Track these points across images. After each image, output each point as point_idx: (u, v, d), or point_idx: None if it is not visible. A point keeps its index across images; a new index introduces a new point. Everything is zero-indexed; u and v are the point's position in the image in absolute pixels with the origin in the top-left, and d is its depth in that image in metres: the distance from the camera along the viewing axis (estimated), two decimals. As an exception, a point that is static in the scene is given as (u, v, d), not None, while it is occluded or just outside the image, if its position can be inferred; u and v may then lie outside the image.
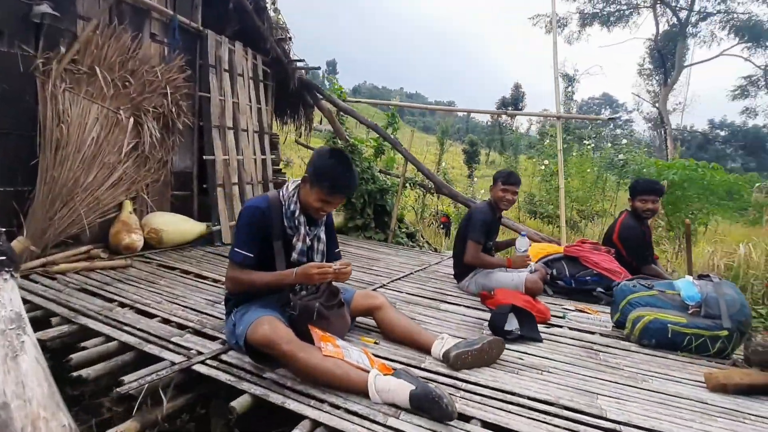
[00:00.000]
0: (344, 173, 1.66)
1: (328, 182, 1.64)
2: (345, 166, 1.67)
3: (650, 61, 22.65)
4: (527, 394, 1.57)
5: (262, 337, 1.46)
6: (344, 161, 1.69)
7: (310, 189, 1.69)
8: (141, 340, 1.71)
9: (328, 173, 1.64)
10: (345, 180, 1.66)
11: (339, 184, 1.65)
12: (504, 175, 2.91)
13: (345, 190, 1.69)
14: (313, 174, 1.67)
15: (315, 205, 1.69)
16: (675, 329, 2.07)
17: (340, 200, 1.74)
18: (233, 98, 3.99)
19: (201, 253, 3.34)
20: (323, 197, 1.66)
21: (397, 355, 1.83)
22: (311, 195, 1.68)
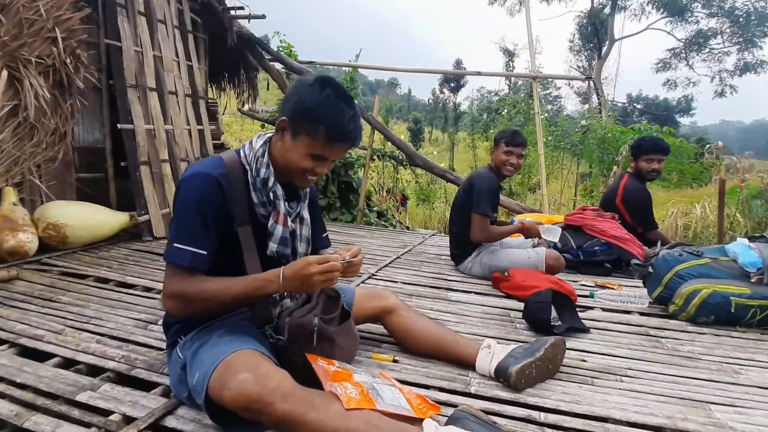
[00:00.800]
0: (346, 110, 1.04)
1: (324, 125, 1.02)
2: (345, 101, 1.05)
3: (579, 36, 23.62)
4: (628, 418, 1.12)
5: (240, 395, 0.84)
6: (342, 93, 1.06)
7: (293, 140, 1.06)
8: (19, 409, 1.01)
9: (323, 111, 1.02)
10: (351, 122, 1.05)
11: (344, 128, 1.04)
12: (507, 135, 2.42)
13: (352, 138, 1.07)
14: (297, 116, 1.04)
15: (302, 165, 1.06)
16: (739, 302, 1.75)
17: (341, 153, 1.12)
18: (154, 51, 3.10)
19: (125, 253, 2.54)
20: (317, 150, 1.05)
21: (431, 376, 1.30)
22: (295, 149, 1.06)
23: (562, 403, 1.17)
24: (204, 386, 0.91)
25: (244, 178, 1.10)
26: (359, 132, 1.10)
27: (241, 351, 0.94)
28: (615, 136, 5.99)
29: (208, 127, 3.66)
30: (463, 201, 2.44)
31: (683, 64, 19.52)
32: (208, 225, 1.04)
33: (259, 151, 1.12)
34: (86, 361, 1.26)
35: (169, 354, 1.14)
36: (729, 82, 18.95)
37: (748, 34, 17.67)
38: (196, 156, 3.42)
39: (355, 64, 4.88)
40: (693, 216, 5.69)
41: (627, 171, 3.18)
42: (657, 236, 3.03)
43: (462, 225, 2.49)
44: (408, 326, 1.43)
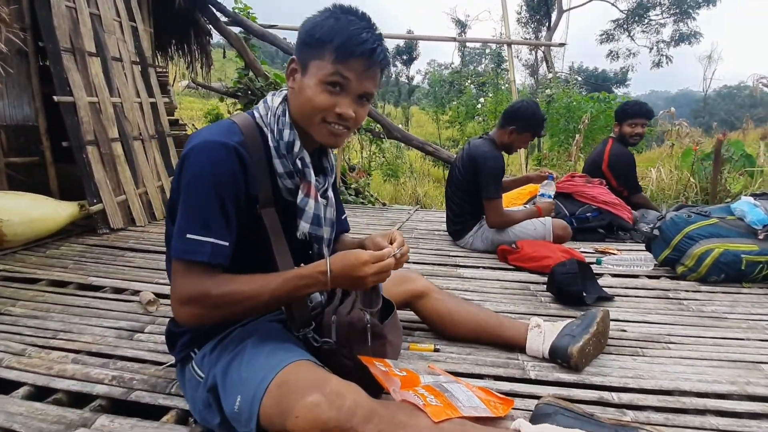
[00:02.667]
0: (356, 20, 0.81)
1: (334, 39, 0.79)
2: (354, 14, 0.82)
3: (527, 9, 23.95)
4: (696, 388, 1.07)
5: (313, 422, 0.65)
6: (349, 9, 0.83)
7: (304, 76, 0.82)
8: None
9: (330, 25, 0.79)
10: (363, 29, 0.80)
11: (356, 37, 0.79)
12: (538, 123, 2.23)
13: (369, 48, 0.80)
14: (303, 47, 0.82)
15: (321, 102, 0.81)
16: (749, 259, 1.78)
17: (366, 79, 0.84)
18: (90, 8, 2.60)
19: (79, 249, 2.16)
20: (332, 70, 0.80)
21: (480, 364, 1.17)
22: (307, 85, 0.82)
23: (627, 380, 1.09)
24: (254, 414, 0.71)
25: (264, 145, 0.87)
26: (381, 43, 0.84)
27: (295, 364, 0.75)
28: (579, 105, 6.10)
29: (161, 99, 3.21)
30: (465, 179, 2.29)
31: (625, 36, 20.47)
32: (228, 209, 0.80)
33: (279, 109, 0.88)
34: (65, 388, 1.00)
35: (181, 371, 0.92)
36: (665, 52, 20.18)
37: (684, 5, 18.74)
38: (150, 134, 3.00)
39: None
40: (649, 179, 6.02)
41: (611, 136, 3.19)
42: (641, 199, 3.10)
43: (462, 202, 2.36)
44: (444, 310, 1.29)
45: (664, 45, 19.77)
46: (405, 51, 35.95)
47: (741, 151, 5.16)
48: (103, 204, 2.45)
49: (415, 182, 7.12)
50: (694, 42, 18.82)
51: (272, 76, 3.94)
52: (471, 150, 2.30)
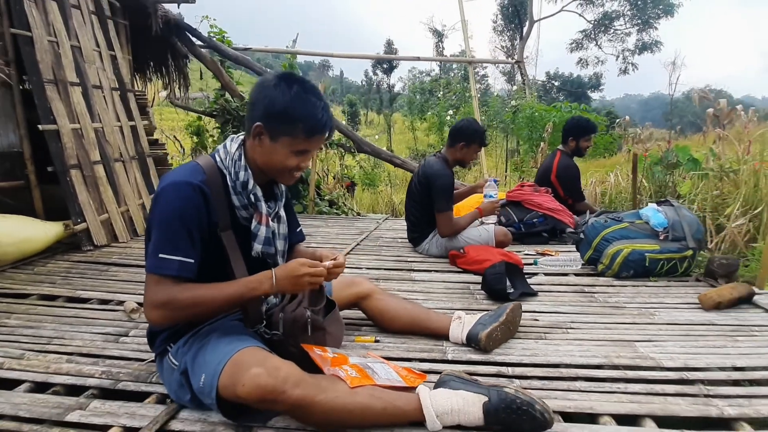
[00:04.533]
0: (318, 102, 1.07)
1: (304, 123, 1.05)
2: (315, 95, 1.09)
3: (502, 17, 24.71)
4: (576, 361, 1.35)
5: (256, 388, 0.90)
6: (311, 88, 1.10)
7: (273, 142, 1.08)
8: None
9: (301, 109, 1.05)
10: (324, 113, 1.08)
11: (320, 121, 1.07)
12: (481, 135, 2.55)
13: (327, 126, 1.10)
14: (273, 119, 1.07)
15: (290, 164, 1.09)
16: (651, 257, 2.09)
17: (320, 144, 1.17)
18: (71, 41, 2.80)
19: (65, 266, 2.35)
20: (302, 146, 1.08)
21: (410, 350, 1.43)
22: (278, 151, 1.08)
23: (524, 357, 1.37)
24: (214, 386, 0.95)
25: (223, 182, 1.12)
26: (332, 120, 1.14)
27: (245, 349, 0.99)
28: (541, 115, 6.50)
29: (140, 122, 3.41)
30: (420, 193, 2.57)
31: (593, 44, 21.39)
32: (193, 234, 1.05)
33: (236, 154, 1.14)
34: (62, 382, 1.22)
35: (160, 363, 1.15)
36: (630, 60, 21.16)
37: (645, 16, 19.74)
38: (131, 155, 3.19)
39: (293, 50, 4.76)
40: (608, 184, 6.43)
41: (558, 149, 3.52)
42: (584, 206, 3.43)
43: (420, 213, 2.64)
44: (384, 308, 1.55)
45: (629, 53, 20.74)
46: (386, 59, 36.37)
47: (688, 156, 5.60)
48: (87, 223, 2.64)
49: (392, 191, 7.40)
50: (655, 50, 19.77)
51: (248, 97, 4.18)
52: (425, 168, 2.58)
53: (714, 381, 1.24)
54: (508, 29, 25.05)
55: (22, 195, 2.67)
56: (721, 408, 1.11)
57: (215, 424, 1.03)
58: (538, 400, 0.99)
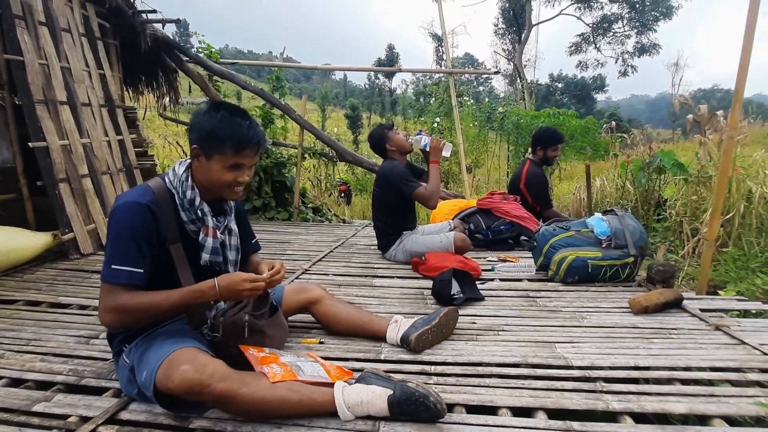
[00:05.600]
0: (243, 122, 1.25)
1: (230, 140, 1.22)
2: (240, 115, 1.26)
3: (503, 21, 24.87)
4: (495, 361, 1.49)
5: (182, 381, 1.06)
6: (236, 110, 1.28)
7: (208, 161, 1.25)
8: (-24, 426, 1.14)
9: (226, 129, 1.22)
10: (249, 130, 1.25)
11: (245, 136, 1.24)
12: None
13: (255, 142, 1.27)
14: (203, 141, 1.23)
15: (226, 179, 1.26)
16: (594, 264, 2.23)
17: (253, 158, 1.31)
18: (61, 62, 3.00)
19: (53, 273, 2.53)
20: (232, 161, 1.24)
21: (350, 350, 1.58)
22: (214, 168, 1.25)
23: (448, 357, 1.52)
24: (152, 381, 1.11)
25: (171, 201, 1.29)
26: (261, 135, 1.30)
27: (181, 349, 1.15)
28: (528, 122, 6.63)
29: (128, 136, 3.60)
30: (382, 196, 2.74)
31: (592, 47, 21.49)
32: (142, 247, 1.21)
33: (183, 175, 1.30)
34: (34, 378, 1.38)
35: (117, 361, 1.31)
36: (630, 62, 21.22)
37: (644, 18, 19.81)
38: (118, 168, 3.38)
39: (278, 63, 4.94)
40: (594, 188, 6.55)
41: (528, 158, 3.67)
42: (552, 213, 3.57)
43: (385, 218, 2.80)
44: (330, 312, 1.70)
45: (629, 56, 20.80)
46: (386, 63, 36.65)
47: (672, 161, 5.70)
48: (74, 233, 2.82)
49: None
50: (654, 53, 19.80)
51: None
52: (380, 171, 2.78)
53: (612, 379, 1.38)
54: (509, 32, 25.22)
55: (15, 207, 2.86)
56: (608, 402, 1.25)
57: (158, 415, 1.19)
58: (433, 393, 1.14)
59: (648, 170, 4.94)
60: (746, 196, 3.42)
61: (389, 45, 35.86)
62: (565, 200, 6.82)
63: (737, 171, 3.56)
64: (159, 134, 12.57)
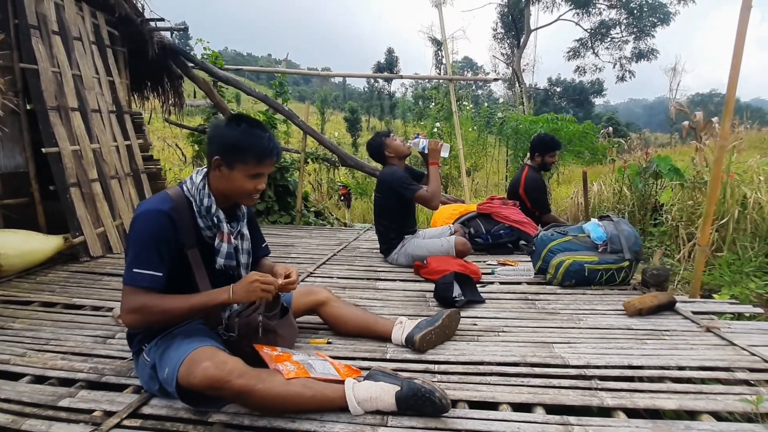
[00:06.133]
0: (263, 134, 1.35)
1: (252, 152, 1.31)
2: (260, 128, 1.36)
3: (502, 25, 25.08)
4: (495, 360, 1.56)
5: (204, 378, 1.13)
6: (255, 123, 1.37)
7: (231, 171, 1.33)
8: (13, 417, 1.20)
9: (248, 141, 1.31)
10: (269, 141, 1.35)
11: (266, 148, 1.33)
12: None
13: (275, 153, 1.37)
14: (227, 152, 1.32)
15: (247, 187, 1.35)
16: (590, 268, 2.31)
17: (271, 168, 1.42)
18: (73, 70, 3.08)
19: (64, 275, 2.60)
20: (254, 171, 1.33)
21: (357, 350, 1.66)
22: (235, 178, 1.33)
23: (451, 356, 1.59)
24: (174, 377, 1.18)
25: (189, 208, 1.36)
26: (278, 146, 1.41)
27: (201, 347, 1.22)
28: (526, 127, 6.73)
29: (135, 141, 3.68)
30: (383, 201, 2.82)
31: (590, 52, 21.71)
32: (162, 252, 1.29)
33: (200, 184, 1.38)
34: (57, 376, 1.45)
35: (136, 360, 1.38)
36: (628, 67, 21.43)
37: (642, 24, 20.02)
38: (126, 172, 3.46)
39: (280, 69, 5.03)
40: (591, 193, 6.64)
41: (527, 164, 3.75)
42: (550, 218, 3.65)
43: (387, 222, 2.87)
44: (337, 314, 1.78)
45: (626, 61, 21.00)
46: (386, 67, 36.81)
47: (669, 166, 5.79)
48: (84, 236, 2.89)
49: (382, 199, 7.63)
50: (652, 58, 19.99)
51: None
52: (381, 177, 2.87)
53: (606, 377, 1.45)
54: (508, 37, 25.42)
55: (28, 211, 2.93)
56: (602, 399, 1.32)
57: (178, 409, 1.26)
58: (438, 389, 1.21)
59: (644, 175, 5.02)
60: (741, 201, 3.49)
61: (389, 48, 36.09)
62: (564, 204, 6.91)
63: (732, 177, 3.62)
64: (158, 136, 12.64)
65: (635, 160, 6.31)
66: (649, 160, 4.93)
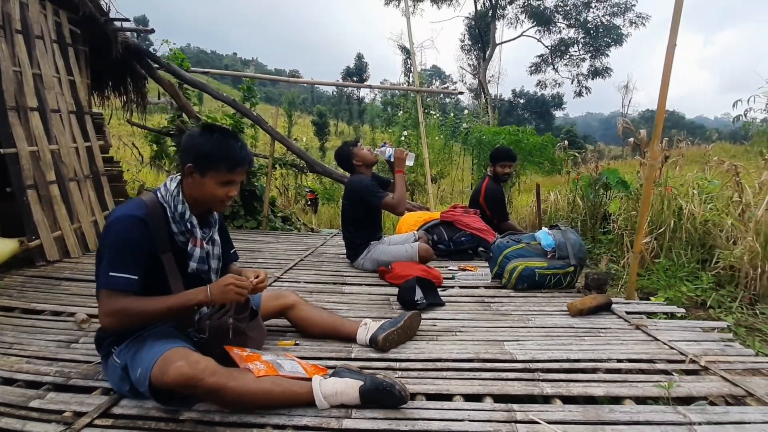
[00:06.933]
0: (235, 143, 1.43)
1: (224, 160, 1.39)
2: (232, 137, 1.45)
3: (469, 37, 25.95)
4: (452, 357, 1.71)
5: (178, 376, 1.19)
6: (227, 132, 1.47)
7: (203, 178, 1.40)
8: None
9: (219, 150, 1.39)
10: (241, 150, 1.43)
11: (237, 156, 1.41)
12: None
13: (246, 161, 1.45)
14: (199, 160, 1.39)
15: (218, 194, 1.42)
16: (540, 272, 2.52)
17: (243, 175, 1.50)
18: (33, 69, 2.99)
19: (20, 279, 2.52)
20: (225, 178, 1.41)
21: (323, 351, 1.75)
22: (208, 185, 1.41)
23: (412, 354, 1.72)
24: (147, 376, 1.23)
25: (163, 214, 1.42)
26: (250, 155, 1.50)
27: (174, 348, 1.28)
28: (489, 138, 7.06)
29: (96, 143, 3.59)
30: (350, 208, 2.93)
31: (550, 68, 22.90)
32: (137, 257, 1.34)
33: (174, 191, 1.44)
34: (24, 379, 1.45)
35: (105, 362, 1.42)
36: (584, 84, 22.76)
37: (598, 43, 21.35)
38: (86, 174, 3.37)
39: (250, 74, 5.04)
40: (548, 202, 7.04)
41: (487, 174, 3.98)
42: (508, 226, 3.89)
43: (353, 229, 2.98)
44: (305, 317, 1.86)
45: (583, 77, 22.30)
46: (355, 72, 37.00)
47: (617, 179, 6.25)
48: (40, 240, 2.80)
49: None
50: (606, 76, 21.34)
51: (204, 117, 4.42)
52: (348, 185, 2.98)
53: (548, 369, 1.63)
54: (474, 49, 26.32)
55: (-21, 212, 2.80)
56: (543, 388, 1.49)
57: (149, 409, 1.30)
58: (398, 383, 1.33)
59: (595, 187, 5.41)
60: (677, 212, 3.85)
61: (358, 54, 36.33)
62: (523, 213, 7.26)
63: (669, 190, 4.00)
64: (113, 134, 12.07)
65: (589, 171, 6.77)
66: (599, 172, 5.32)
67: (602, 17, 20.65)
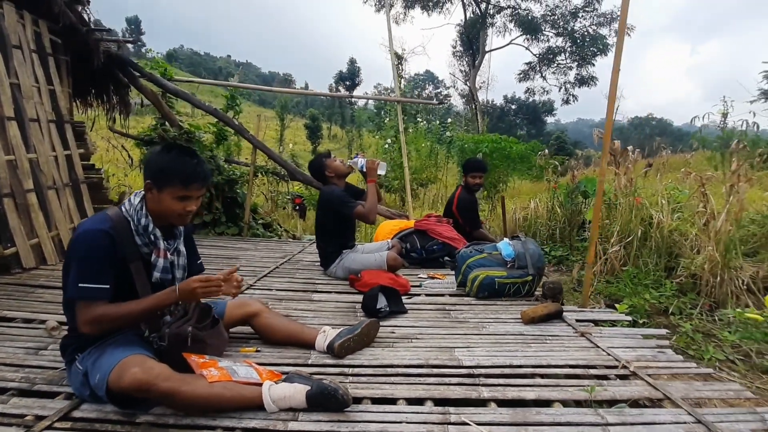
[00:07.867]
0: (191, 160, 1.52)
1: (179, 176, 1.49)
2: (188, 154, 1.54)
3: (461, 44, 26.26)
4: (403, 363, 1.82)
5: (133, 381, 1.28)
6: (185, 150, 1.56)
7: (160, 193, 1.50)
8: (-64, 427, 1.29)
9: (174, 167, 1.49)
10: (196, 166, 1.52)
11: (192, 173, 1.50)
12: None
13: (201, 177, 1.53)
14: (156, 176, 1.49)
15: (176, 208, 1.51)
16: (500, 281, 2.65)
17: (200, 191, 1.57)
18: (11, 78, 3.05)
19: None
20: (180, 193, 1.50)
21: (283, 357, 1.85)
22: (165, 200, 1.50)
23: (365, 361, 1.82)
24: (104, 382, 1.32)
25: (128, 227, 1.51)
26: (207, 172, 1.58)
27: (132, 355, 1.37)
28: (471, 146, 7.22)
29: (76, 151, 3.65)
30: (323, 218, 3.04)
31: (539, 76, 23.30)
32: (105, 267, 1.43)
33: (138, 205, 1.54)
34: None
35: (69, 368, 1.50)
36: (572, 91, 23.17)
37: (584, 53, 21.77)
38: (65, 182, 3.43)
39: (234, 83, 5.13)
40: (529, 210, 7.21)
41: (460, 184, 4.12)
42: (480, 234, 4.02)
43: (327, 238, 3.09)
44: (267, 324, 1.96)
45: (570, 85, 22.72)
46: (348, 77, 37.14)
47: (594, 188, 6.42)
48: (16, 247, 2.86)
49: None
50: (592, 84, 21.77)
51: (186, 126, 4.50)
52: (321, 195, 3.10)
53: (490, 375, 1.74)
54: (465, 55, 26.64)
55: (-46, 220, 2.85)
56: (480, 392, 1.60)
57: (107, 412, 1.39)
58: (342, 387, 1.44)
59: (572, 195, 5.56)
60: (648, 221, 3.98)
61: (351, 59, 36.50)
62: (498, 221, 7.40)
63: (638, 201, 4.15)
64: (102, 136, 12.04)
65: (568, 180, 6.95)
66: (576, 181, 5.48)
67: (589, 27, 21.09)
